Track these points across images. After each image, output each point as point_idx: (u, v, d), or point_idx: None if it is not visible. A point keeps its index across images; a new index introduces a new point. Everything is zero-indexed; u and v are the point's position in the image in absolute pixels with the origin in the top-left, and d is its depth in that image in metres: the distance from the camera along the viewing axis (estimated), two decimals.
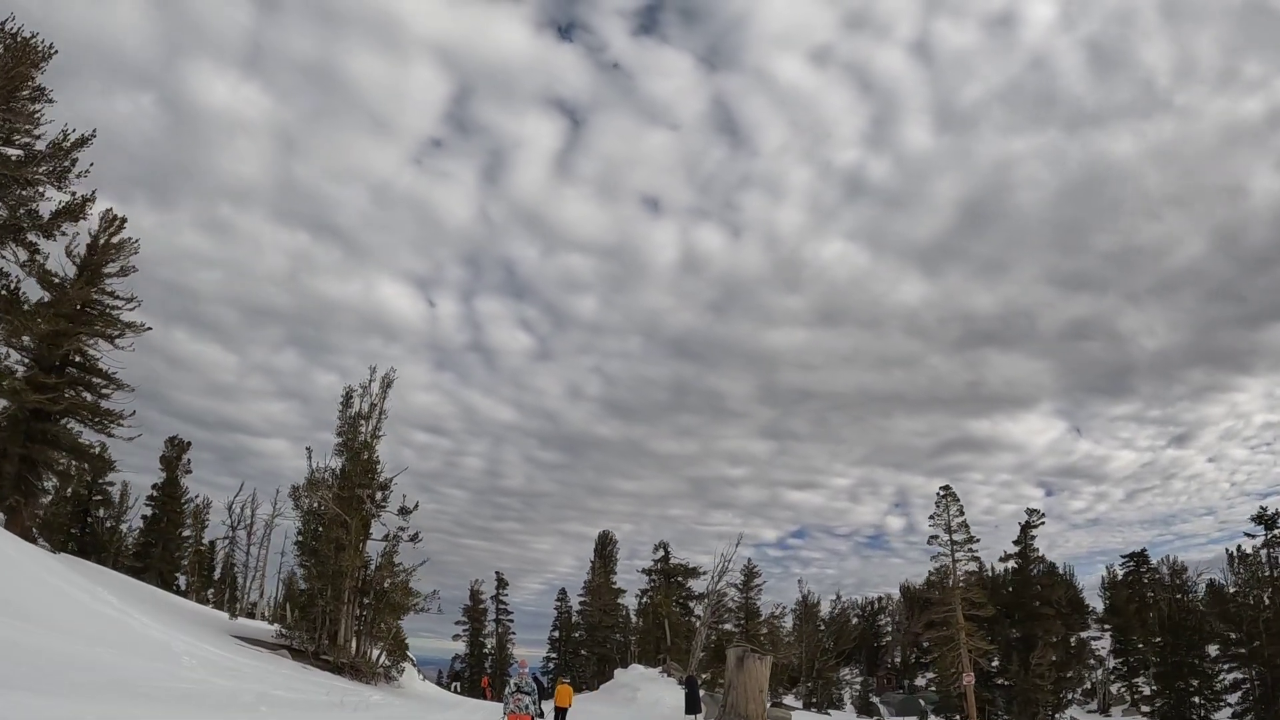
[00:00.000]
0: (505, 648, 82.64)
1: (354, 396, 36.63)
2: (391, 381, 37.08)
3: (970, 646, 45.97)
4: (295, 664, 29.42)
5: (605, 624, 74.94)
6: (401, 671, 34.40)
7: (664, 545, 57.05)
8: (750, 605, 58.53)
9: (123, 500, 67.97)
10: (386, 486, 35.91)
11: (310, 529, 34.71)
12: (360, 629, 33.36)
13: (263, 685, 19.40)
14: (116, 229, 39.22)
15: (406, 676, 35.40)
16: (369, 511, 34.15)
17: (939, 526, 47.72)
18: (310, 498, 34.39)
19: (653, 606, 53.98)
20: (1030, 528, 60.53)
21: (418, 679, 36.97)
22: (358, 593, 33.29)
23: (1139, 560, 75.83)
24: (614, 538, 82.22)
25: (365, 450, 35.25)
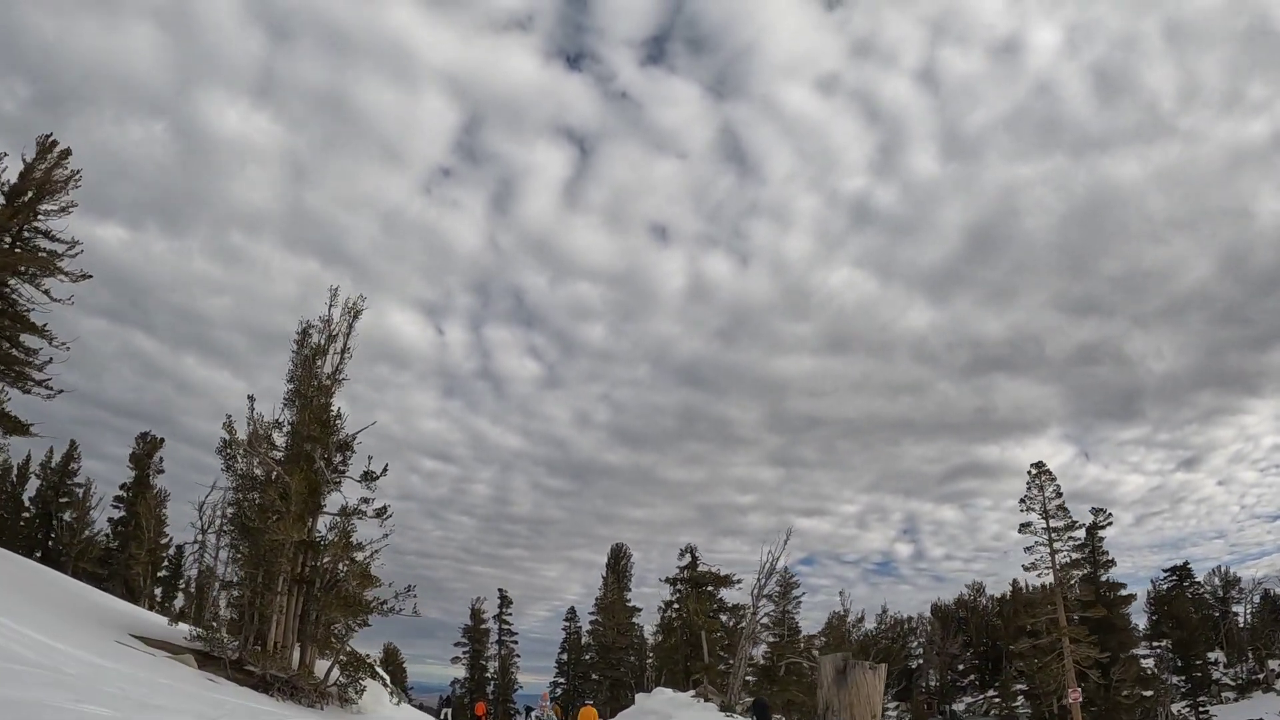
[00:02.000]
0: (509, 671, 71.80)
1: (311, 332, 27.11)
2: (359, 311, 27.51)
3: (1078, 656, 35.63)
4: (197, 675, 19.60)
5: (619, 645, 64.29)
6: (361, 692, 24.33)
7: (691, 550, 46.80)
8: (789, 620, 48.04)
9: (85, 498, 58.55)
10: (348, 446, 26.18)
11: (247, 501, 24.91)
12: (304, 631, 23.45)
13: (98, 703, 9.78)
14: (57, 162, 30.74)
15: (370, 698, 25.34)
16: (320, 473, 24.41)
17: (1033, 510, 37.67)
18: (249, 455, 24.66)
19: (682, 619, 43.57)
20: (1096, 529, 50.82)
21: (387, 701, 27.00)
22: (300, 583, 23.40)
23: (1182, 574, 66.65)
24: (628, 551, 71.98)
25: (319, 395, 25.62)
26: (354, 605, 22.75)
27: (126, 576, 53.25)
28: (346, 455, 26.12)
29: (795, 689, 34.64)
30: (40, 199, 28.96)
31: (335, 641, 23.79)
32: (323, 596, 22.63)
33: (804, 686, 35.18)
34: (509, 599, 74.63)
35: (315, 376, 25.87)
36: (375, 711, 25.42)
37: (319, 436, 24.79)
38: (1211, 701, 59.90)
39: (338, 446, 25.92)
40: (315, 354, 26.27)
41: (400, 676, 74.65)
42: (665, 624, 47.18)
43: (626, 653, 65.07)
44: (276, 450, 25.38)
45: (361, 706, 24.57)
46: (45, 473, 60.60)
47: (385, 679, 28.06)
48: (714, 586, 45.58)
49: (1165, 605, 65.01)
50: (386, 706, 26.57)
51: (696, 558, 46.60)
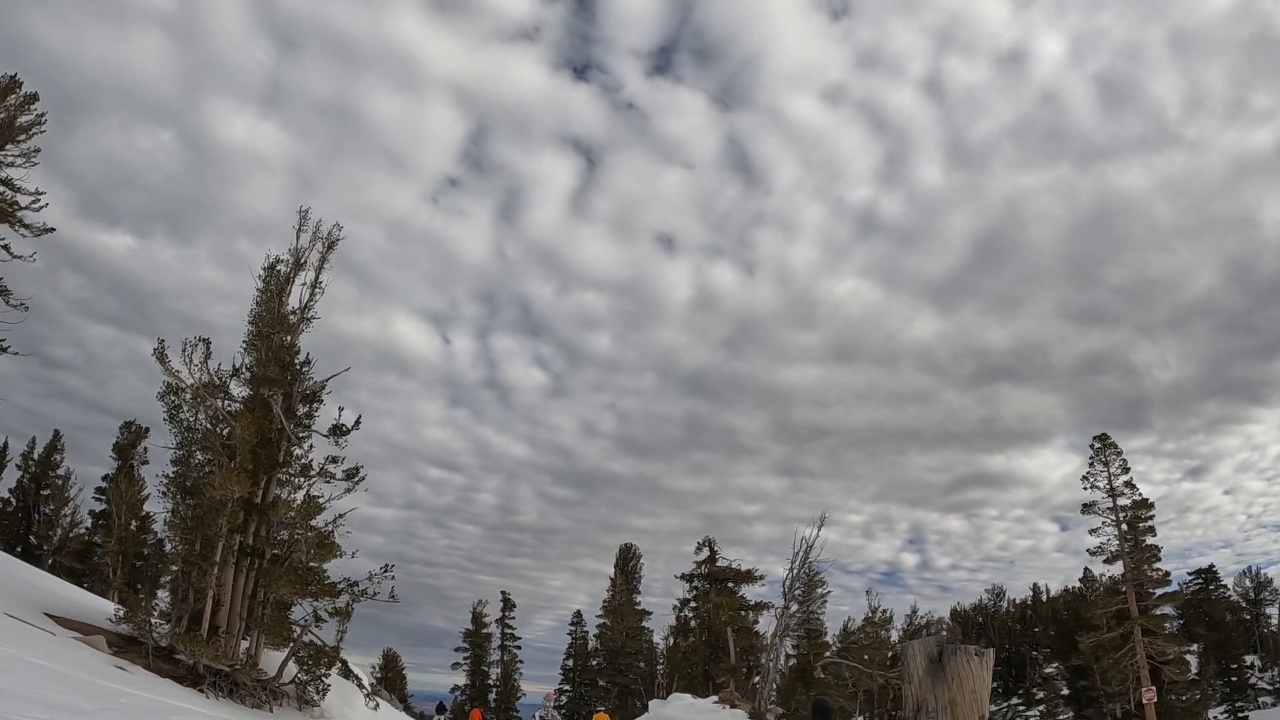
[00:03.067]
0: (511, 678, 66.35)
1: (280, 268, 22.34)
2: (335, 242, 22.75)
3: (1153, 650, 30.42)
4: (104, 661, 14.72)
5: (628, 649, 58.95)
6: (323, 691, 19.32)
7: (709, 543, 41.61)
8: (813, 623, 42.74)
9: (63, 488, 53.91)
10: (314, 396, 21.34)
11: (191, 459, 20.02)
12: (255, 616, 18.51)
13: None
14: (21, 106, 26.43)
15: (337, 699, 20.33)
16: (276, 423, 19.54)
17: (1098, 488, 32.59)
18: (196, 405, 19.80)
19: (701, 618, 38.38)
20: (1139, 522, 45.70)
21: (362, 705, 22.00)
22: (250, 556, 18.49)
23: (1208, 577, 61.75)
24: (637, 552, 66.48)
25: (281, 331, 20.79)
26: (309, 580, 17.77)
27: (106, 572, 48.39)
28: (313, 407, 21.30)
29: (834, 693, 29.60)
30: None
31: (289, 628, 18.80)
32: (271, 569, 17.64)
33: (843, 691, 30.17)
34: (512, 602, 69.25)
35: (278, 311, 21.08)
36: (344, 716, 20.40)
37: (278, 379, 19.92)
38: (1249, 706, 54.96)
39: (303, 396, 21.08)
40: (280, 285, 21.50)
41: (400, 683, 69.37)
42: (681, 624, 42.00)
43: (636, 658, 59.74)
44: (232, 401, 20.55)
45: (325, 709, 19.58)
46: (26, 464, 55.85)
47: (360, 679, 23.09)
48: (735, 583, 40.40)
49: (1195, 608, 59.95)
50: (360, 711, 21.55)
51: (715, 552, 41.44)
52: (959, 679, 13.26)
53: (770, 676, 30.21)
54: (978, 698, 13.53)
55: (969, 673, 13.40)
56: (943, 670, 13.63)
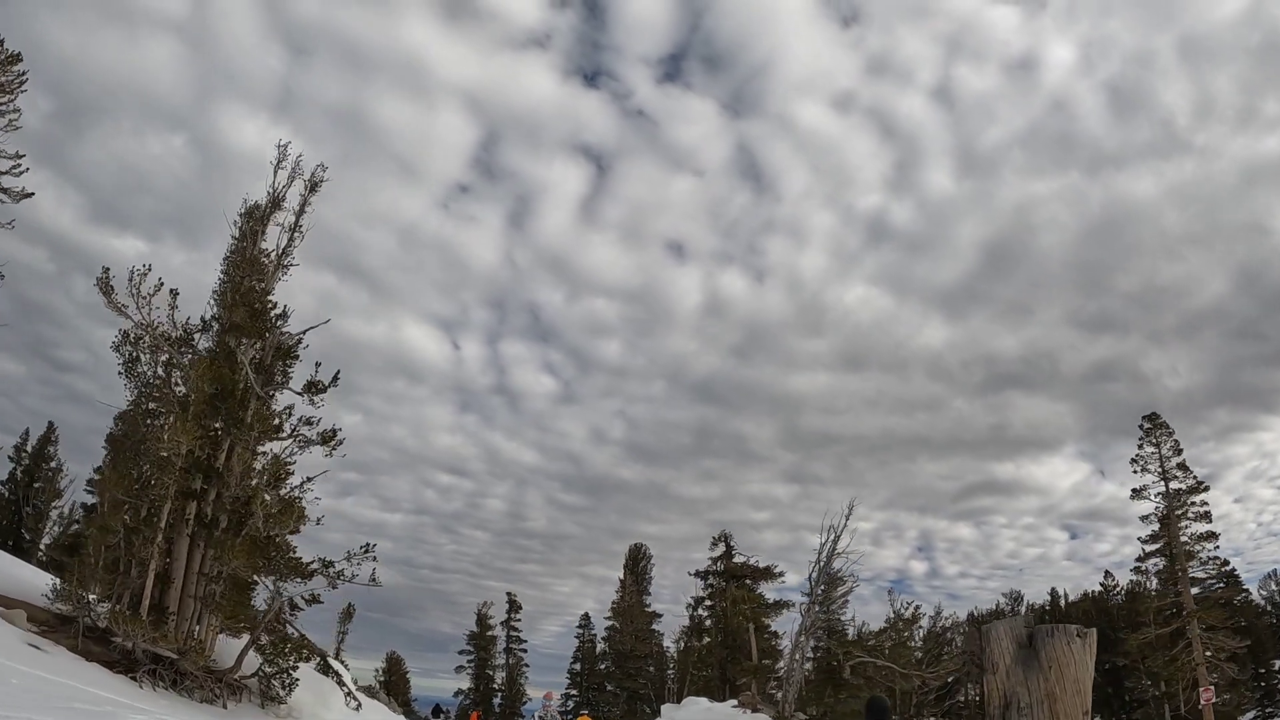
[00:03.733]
0: (517, 681, 63.29)
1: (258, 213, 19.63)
2: (319, 183, 20.06)
3: (1213, 645, 27.26)
4: (18, 639, 11.99)
5: (638, 652, 55.78)
6: (289, 686, 16.42)
7: (725, 538, 38.62)
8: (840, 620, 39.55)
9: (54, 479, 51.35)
10: (290, 353, 18.57)
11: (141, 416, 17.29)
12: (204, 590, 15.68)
13: None
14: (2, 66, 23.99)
15: (308, 696, 17.45)
16: (243, 376, 16.77)
17: (1150, 471, 29.50)
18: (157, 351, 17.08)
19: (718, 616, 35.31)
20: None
21: (342, 705, 19.11)
22: (205, 526, 15.70)
23: (1230, 580, 58.45)
24: (647, 552, 63.39)
25: (254, 274, 18.05)
26: (270, 552, 14.92)
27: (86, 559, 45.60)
28: (288, 364, 18.53)
29: (866, 696, 26.54)
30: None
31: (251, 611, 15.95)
32: (225, 538, 14.79)
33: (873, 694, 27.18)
34: (518, 604, 66.19)
35: (251, 253, 18.35)
36: (317, 717, 17.49)
37: (246, 327, 17.17)
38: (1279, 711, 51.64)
39: (277, 351, 18.31)
40: (255, 225, 18.79)
41: (403, 687, 66.37)
42: (695, 624, 38.92)
43: (646, 662, 56.56)
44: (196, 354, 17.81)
45: (293, 708, 16.71)
46: (19, 456, 53.32)
47: (341, 675, 20.22)
48: (753, 580, 37.35)
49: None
50: (338, 711, 18.65)
51: (732, 547, 38.44)
52: (1058, 666, 10.29)
53: (795, 678, 27.17)
54: (1080, 688, 10.55)
55: (1070, 658, 10.43)
56: (1036, 657, 10.68)
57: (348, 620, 65.59)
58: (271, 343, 18.14)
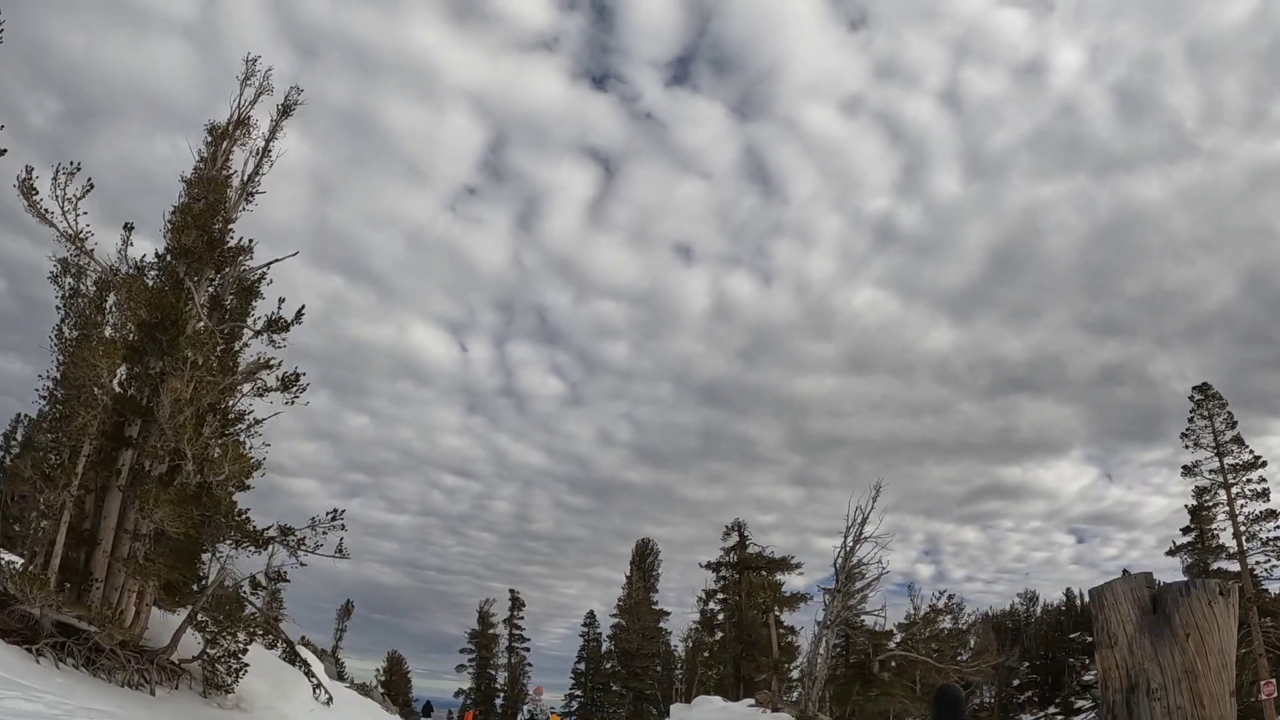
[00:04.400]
0: (519, 681, 60.43)
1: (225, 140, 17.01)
2: (293, 106, 17.44)
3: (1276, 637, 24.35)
4: None
5: (645, 651, 52.88)
6: (236, 672, 13.70)
7: (738, 526, 35.76)
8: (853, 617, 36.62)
9: None
10: (251, 288, 15.94)
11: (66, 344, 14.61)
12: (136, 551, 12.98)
13: None
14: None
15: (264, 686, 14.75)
16: (190, 307, 14.12)
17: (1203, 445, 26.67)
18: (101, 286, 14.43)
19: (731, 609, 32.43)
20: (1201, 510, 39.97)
21: (310, 698, 16.40)
22: (137, 478, 13.02)
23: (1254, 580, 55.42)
24: (655, 548, 60.53)
25: (211, 194, 15.41)
26: (204, 504, 12.20)
27: None
28: (249, 301, 15.89)
29: (899, 693, 23.73)
30: None
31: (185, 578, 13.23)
32: (151, 486, 12.07)
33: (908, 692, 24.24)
34: (521, 601, 63.38)
35: (210, 172, 15.72)
36: (274, 709, 14.75)
37: (198, 252, 14.53)
38: None
39: (237, 287, 15.68)
40: (218, 140, 16.17)
41: (404, 687, 63.53)
42: (706, 619, 35.99)
43: (653, 661, 53.65)
44: None
45: (242, 698, 13.99)
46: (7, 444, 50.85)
47: (310, 663, 17.52)
48: (769, 572, 34.48)
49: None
50: (301, 703, 15.94)
51: (746, 536, 35.56)
52: (1198, 634, 7.54)
53: (819, 674, 24.32)
54: (1225, 661, 7.86)
55: (1212, 623, 7.58)
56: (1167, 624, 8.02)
57: (346, 617, 63.12)
58: (231, 277, 15.53)
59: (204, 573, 14.48)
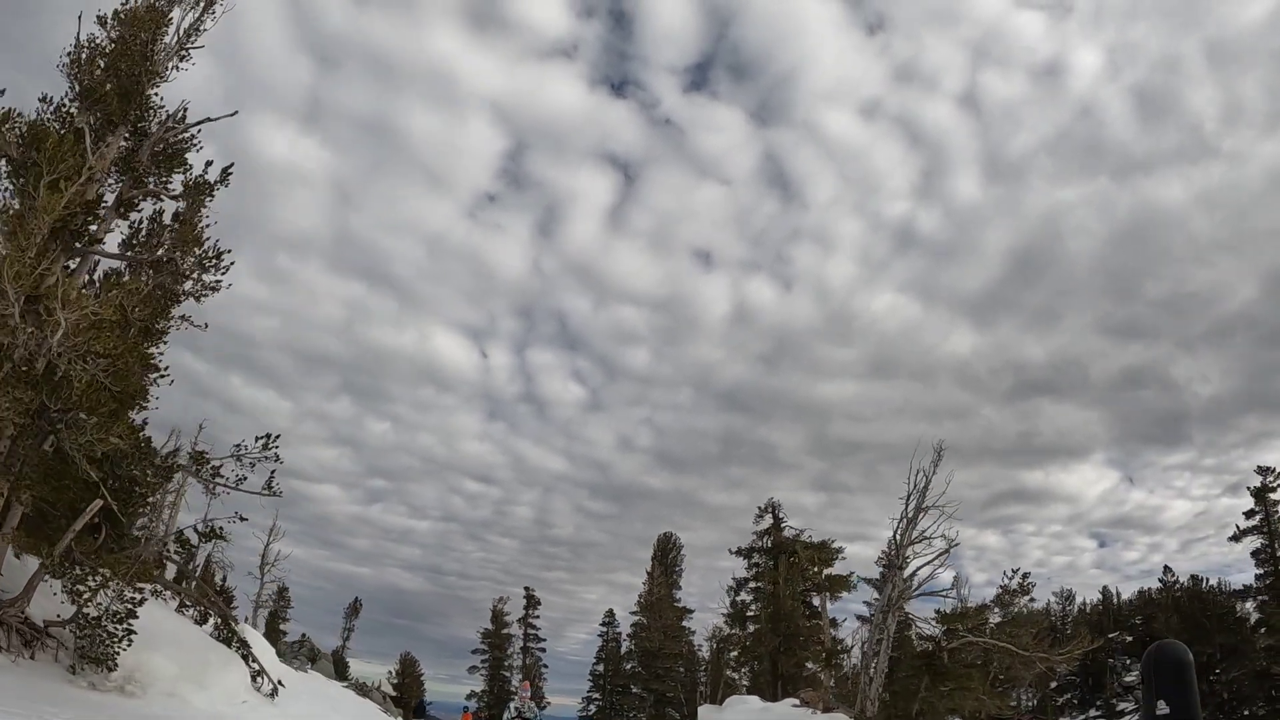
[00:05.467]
0: (535, 684, 56.32)
1: None
2: None
3: None
4: None
5: (668, 651, 48.57)
6: (110, 642, 9.87)
7: (772, 508, 31.59)
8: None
9: None
10: (176, 155, 12.20)
11: None
12: None
13: None
14: None
15: (178, 668, 10.93)
16: (89, 164, 10.42)
17: None
18: None
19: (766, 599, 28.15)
20: (1267, 492, 36.25)
21: (244, 686, 12.56)
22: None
23: None
24: (677, 542, 56.33)
25: (137, 30, 11.71)
26: (53, 390, 8.35)
27: None
28: (174, 168, 12.13)
29: (977, 686, 19.35)
30: None
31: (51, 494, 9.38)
32: None
33: (985, 686, 19.89)
34: (536, 599, 59.24)
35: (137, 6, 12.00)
36: (176, 695, 10.86)
37: (103, 98, 10.81)
38: None
39: (159, 151, 11.93)
40: None
41: (417, 690, 59.65)
42: (737, 611, 31.72)
43: (676, 661, 49.30)
44: None
45: (131, 677, 10.11)
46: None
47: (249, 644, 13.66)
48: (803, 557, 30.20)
49: None
50: (223, 692, 12.00)
51: (780, 518, 31.35)
52: None
53: (878, 666, 20.07)
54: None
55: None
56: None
57: (354, 616, 59.44)
58: (154, 137, 11.76)
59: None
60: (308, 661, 40.49)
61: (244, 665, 13.06)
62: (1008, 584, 22.83)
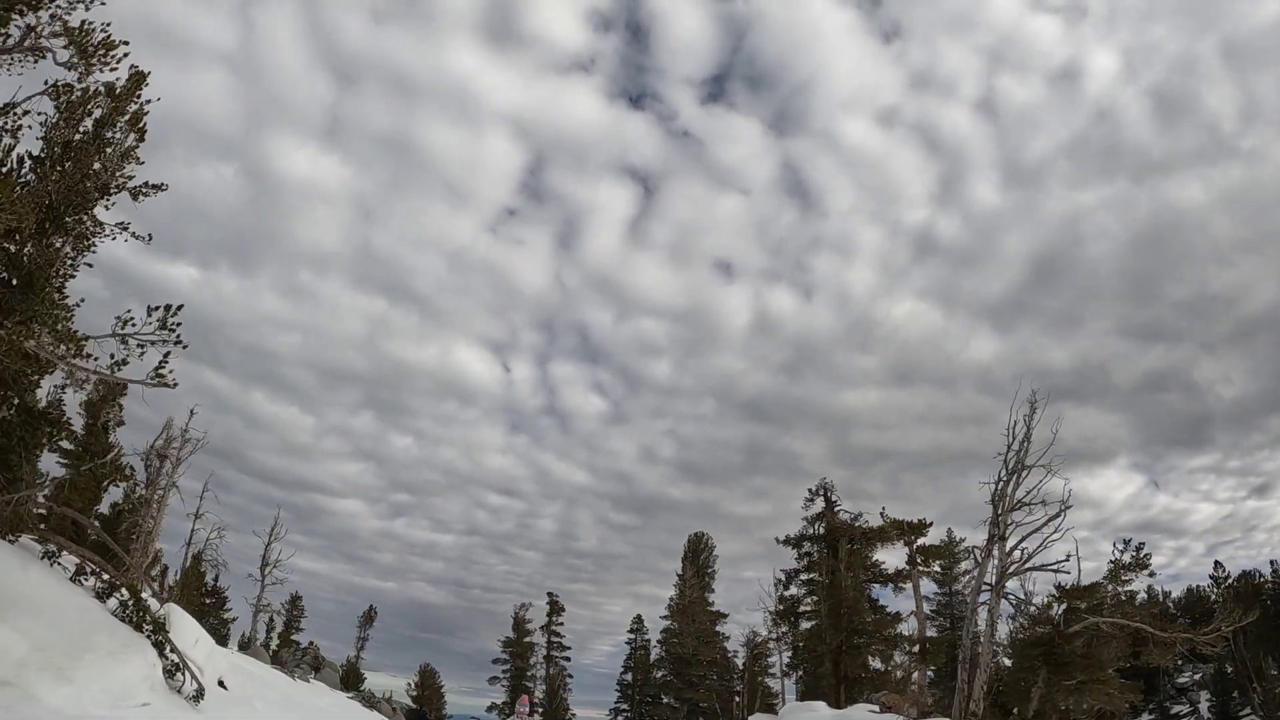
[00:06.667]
0: (559, 695, 52.04)
1: None
2: None
3: None
4: None
5: (702, 658, 44.20)
6: None
7: (824, 490, 27.43)
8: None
9: None
10: None
11: None
12: None
13: None
14: None
15: (33, 645, 7.27)
16: None
17: None
18: None
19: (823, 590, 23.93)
20: None
21: (148, 677, 8.93)
22: None
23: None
24: (710, 542, 52.05)
25: None
26: None
27: None
28: None
29: (1107, 680, 14.98)
30: None
31: None
32: None
33: (1113, 685, 15.62)
34: (560, 605, 55.16)
35: None
36: (16, 687, 7.13)
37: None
38: None
39: None
40: None
41: (437, 701, 55.68)
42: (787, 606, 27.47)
43: (710, 669, 44.90)
44: None
45: None
46: None
47: (164, 628, 9.93)
48: (864, 544, 26.01)
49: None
50: (106, 689, 8.25)
51: (834, 500, 27.18)
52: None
53: (983, 660, 15.90)
54: None
55: None
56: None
57: (368, 625, 55.60)
58: None
59: None
60: (311, 670, 36.78)
61: (154, 655, 9.26)
62: (1118, 557, 18.38)
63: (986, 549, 17.46)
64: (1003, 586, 16.65)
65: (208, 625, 36.33)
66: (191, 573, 32.54)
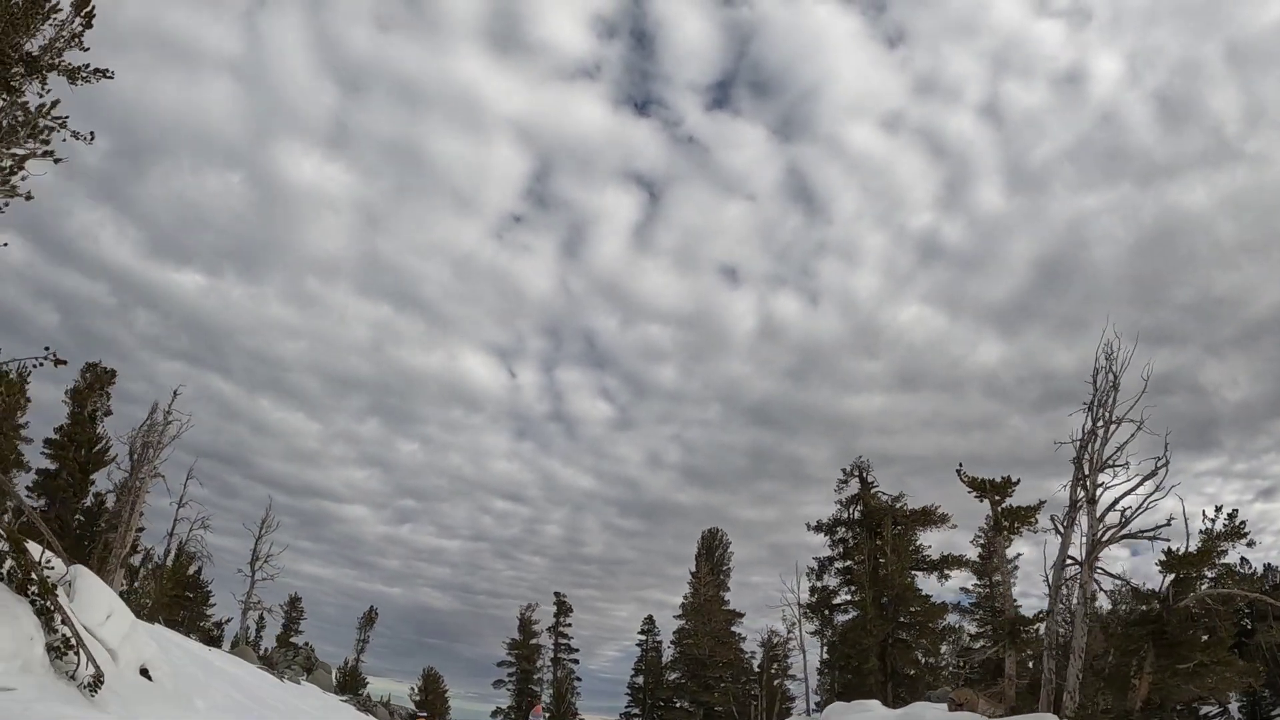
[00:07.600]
0: (566, 698, 49.20)
1: None
2: None
3: None
4: None
5: (718, 659, 41.39)
6: None
7: (860, 469, 24.83)
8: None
9: None
10: None
11: None
12: None
13: None
14: None
15: None
16: None
17: None
18: None
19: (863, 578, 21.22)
20: None
21: (34, 660, 6.53)
22: None
23: None
24: (724, 538, 49.48)
25: None
26: None
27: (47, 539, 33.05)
28: None
29: (1226, 660, 12.36)
30: None
31: None
32: None
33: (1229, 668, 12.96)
34: (567, 605, 52.37)
35: None
36: None
37: None
38: None
39: None
40: None
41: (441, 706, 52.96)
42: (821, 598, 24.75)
43: (726, 670, 42.09)
44: None
45: None
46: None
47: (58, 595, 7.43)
48: (905, 526, 23.33)
49: None
50: None
51: (870, 481, 24.53)
52: None
53: (1076, 645, 13.24)
54: None
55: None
56: None
57: (369, 626, 52.90)
58: None
59: None
60: (303, 671, 34.15)
61: (33, 626, 6.69)
62: (1209, 526, 15.67)
63: (1069, 516, 14.83)
64: (1095, 558, 13.99)
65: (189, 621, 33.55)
66: (176, 565, 29.97)
